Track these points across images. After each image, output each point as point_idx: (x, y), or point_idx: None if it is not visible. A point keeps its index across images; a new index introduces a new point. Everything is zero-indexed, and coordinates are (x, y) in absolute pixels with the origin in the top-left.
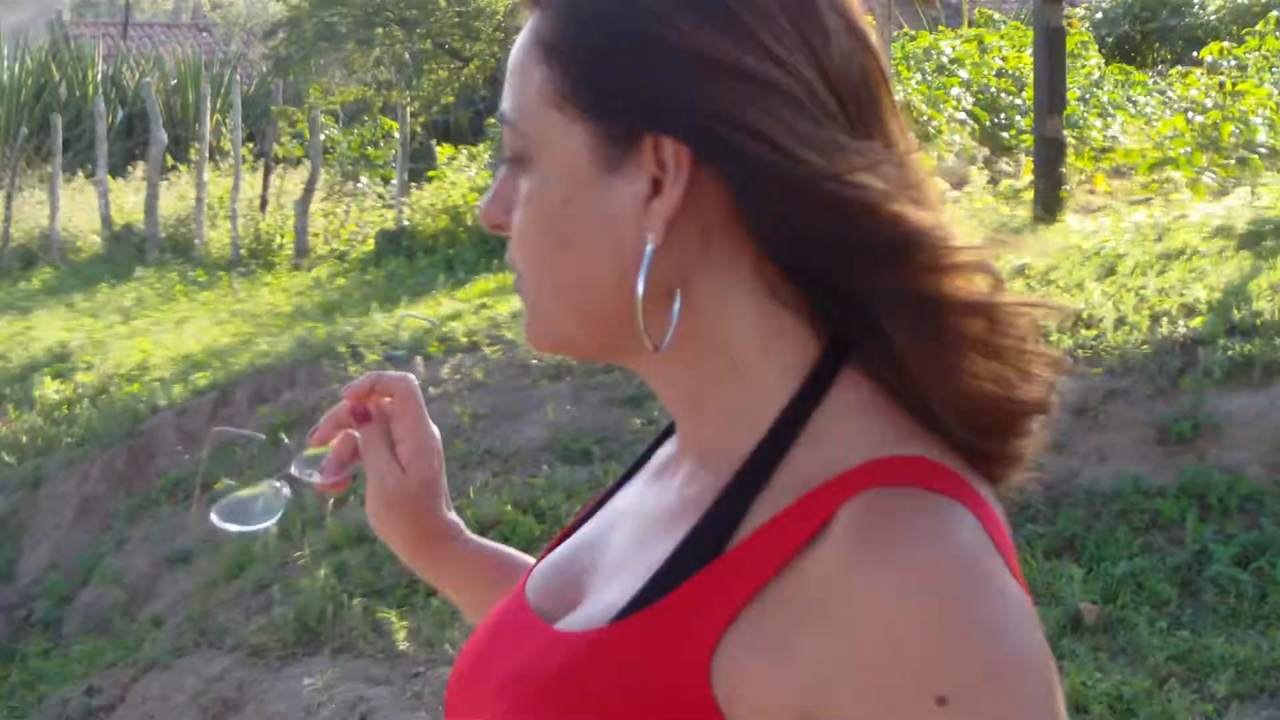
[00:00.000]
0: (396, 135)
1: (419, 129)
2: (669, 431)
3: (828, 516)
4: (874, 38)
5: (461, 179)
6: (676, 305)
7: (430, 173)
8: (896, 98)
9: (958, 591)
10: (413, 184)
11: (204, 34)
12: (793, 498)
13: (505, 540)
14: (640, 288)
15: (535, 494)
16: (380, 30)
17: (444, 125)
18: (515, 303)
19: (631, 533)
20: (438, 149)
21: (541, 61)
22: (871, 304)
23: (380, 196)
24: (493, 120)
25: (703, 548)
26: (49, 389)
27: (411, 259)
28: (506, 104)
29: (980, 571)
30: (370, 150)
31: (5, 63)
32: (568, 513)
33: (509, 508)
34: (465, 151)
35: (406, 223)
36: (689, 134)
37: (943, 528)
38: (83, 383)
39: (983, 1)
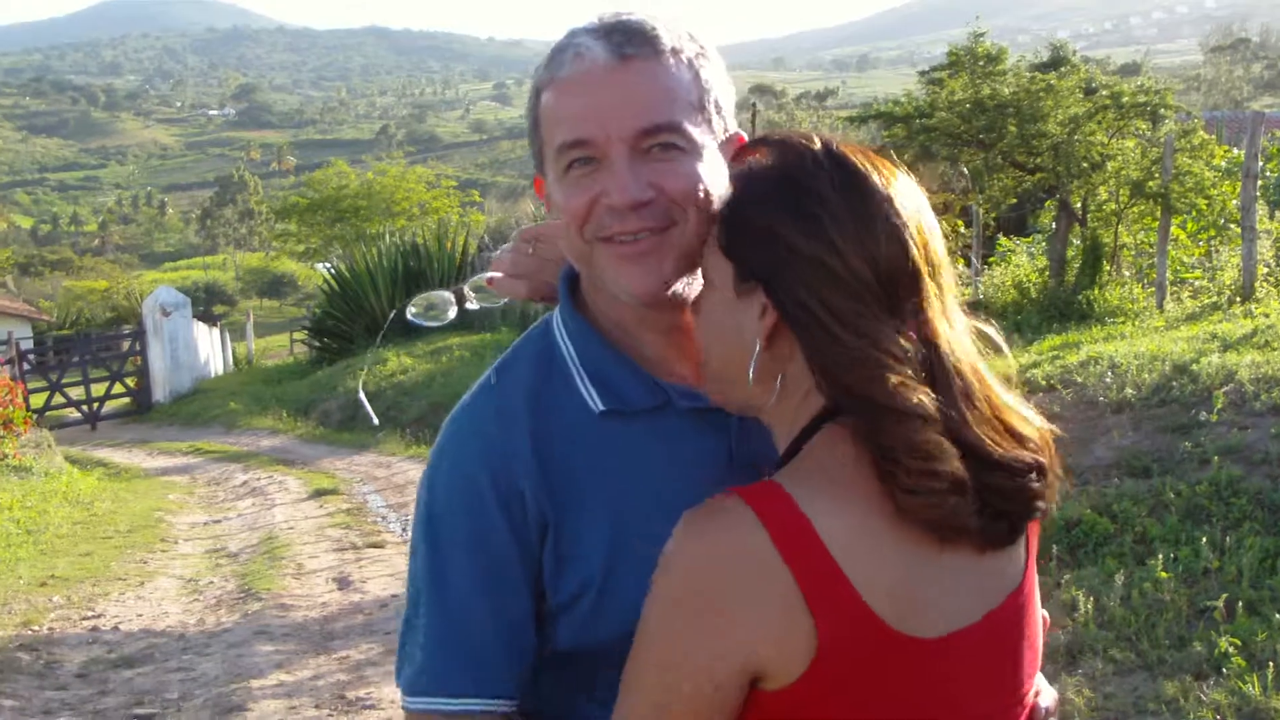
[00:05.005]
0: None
1: (991, 223)
2: None
3: None
4: (924, 237)
5: (1025, 261)
6: (778, 383)
7: (990, 258)
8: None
9: (681, 564)
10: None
11: None
12: None
13: (1086, 536)
14: (751, 370)
15: (1109, 500)
16: (964, 150)
17: (1007, 221)
18: (1083, 353)
19: None
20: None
21: (721, 223)
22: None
23: (960, 276)
24: (1037, 218)
25: None
26: None
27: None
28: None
29: (690, 571)
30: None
31: None
32: (1136, 515)
33: (1088, 511)
34: (1018, 241)
35: (981, 295)
36: (773, 294)
37: (703, 531)
38: None
39: None
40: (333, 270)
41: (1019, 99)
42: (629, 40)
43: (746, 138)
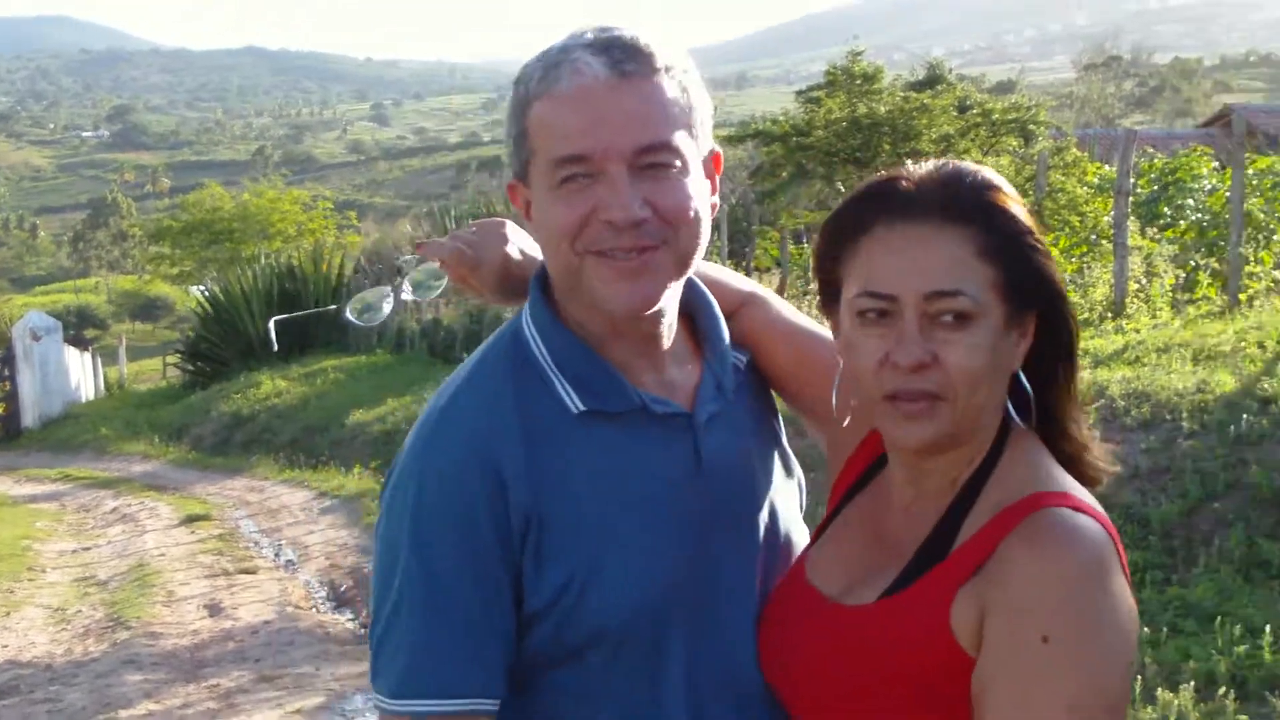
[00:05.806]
0: None
1: None
2: (884, 461)
3: (1014, 525)
4: None
5: None
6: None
7: None
8: None
9: (1077, 577)
10: None
11: None
12: (992, 514)
13: None
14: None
15: None
16: (841, 168)
17: None
18: None
19: (873, 535)
20: None
21: (982, 259)
22: (1052, 390)
23: None
24: None
25: (933, 553)
26: None
27: None
28: (948, 281)
29: (1096, 567)
30: None
31: None
32: None
33: None
34: None
35: None
36: (1044, 307)
37: (1080, 534)
38: None
39: None
40: (207, 293)
41: (894, 118)
42: (628, 58)
43: (721, 154)
